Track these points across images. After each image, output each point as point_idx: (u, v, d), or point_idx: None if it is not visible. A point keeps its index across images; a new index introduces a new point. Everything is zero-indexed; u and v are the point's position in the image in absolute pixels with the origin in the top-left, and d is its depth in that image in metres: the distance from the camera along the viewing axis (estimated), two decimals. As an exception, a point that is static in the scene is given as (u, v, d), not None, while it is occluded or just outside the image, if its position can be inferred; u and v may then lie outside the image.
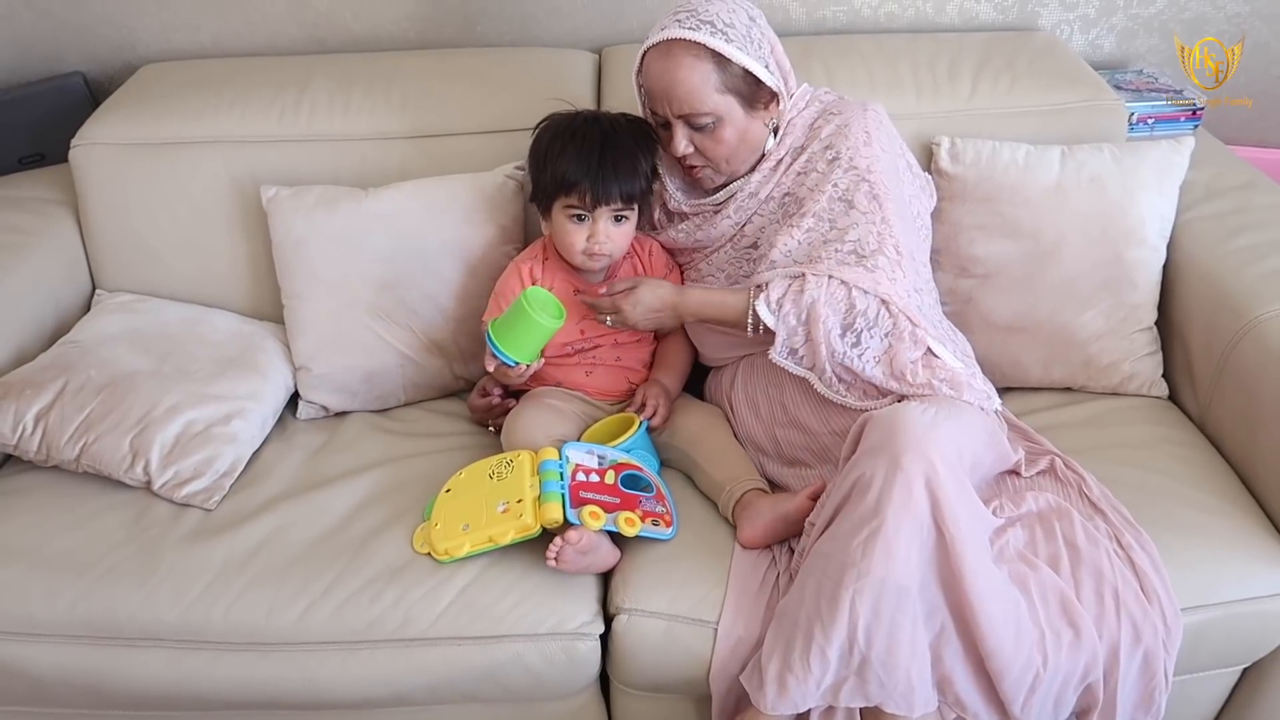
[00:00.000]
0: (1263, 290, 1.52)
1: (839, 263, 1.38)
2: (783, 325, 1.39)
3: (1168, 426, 1.59)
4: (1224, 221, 1.68)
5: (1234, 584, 1.36)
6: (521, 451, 1.41)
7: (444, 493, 1.42)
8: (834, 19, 2.03)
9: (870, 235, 1.40)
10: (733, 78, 1.42)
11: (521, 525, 1.31)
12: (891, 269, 1.38)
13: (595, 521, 1.31)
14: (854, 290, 1.36)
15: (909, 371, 1.36)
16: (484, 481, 1.39)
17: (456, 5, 2.01)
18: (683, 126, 1.45)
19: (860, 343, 1.38)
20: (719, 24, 1.40)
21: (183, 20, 2.01)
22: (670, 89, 1.42)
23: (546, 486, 1.33)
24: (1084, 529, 1.33)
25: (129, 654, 1.34)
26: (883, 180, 1.44)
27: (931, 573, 1.21)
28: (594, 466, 1.39)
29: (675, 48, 1.40)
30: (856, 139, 1.46)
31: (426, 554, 1.37)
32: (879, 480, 1.20)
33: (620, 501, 1.36)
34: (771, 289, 1.40)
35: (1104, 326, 1.64)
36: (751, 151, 1.50)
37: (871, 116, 1.50)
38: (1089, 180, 1.64)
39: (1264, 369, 1.45)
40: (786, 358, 1.42)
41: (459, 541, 1.33)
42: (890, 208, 1.42)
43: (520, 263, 1.58)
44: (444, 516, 1.38)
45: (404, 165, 1.71)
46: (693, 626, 1.32)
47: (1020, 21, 2.05)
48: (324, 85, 1.79)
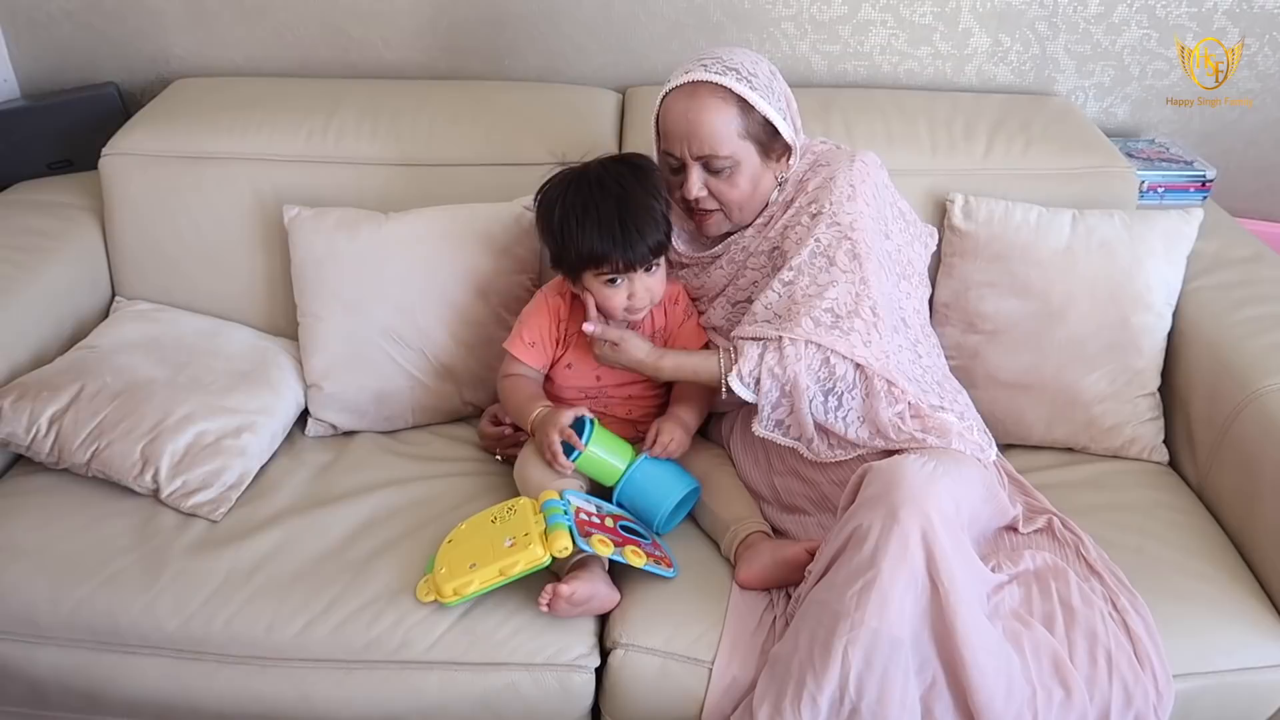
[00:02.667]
0: (1266, 363, 1.54)
1: (815, 323, 1.39)
2: (764, 400, 1.41)
3: (1167, 493, 1.61)
4: (1230, 293, 1.70)
5: (1227, 654, 1.36)
6: (521, 498, 1.42)
7: (446, 543, 1.40)
8: (854, 73, 2.08)
9: (848, 295, 1.41)
10: (754, 125, 1.44)
11: (531, 556, 1.31)
12: (866, 331, 1.39)
13: (604, 549, 1.32)
14: (831, 354, 1.38)
15: (890, 428, 1.38)
16: (486, 527, 1.39)
17: (486, 39, 2.05)
18: (699, 169, 1.46)
19: (841, 404, 1.40)
20: (744, 72, 1.43)
21: (218, 38, 2.05)
22: (693, 130, 1.43)
23: (552, 519, 1.34)
24: (1080, 590, 1.34)
25: (128, 661, 1.35)
26: (864, 238, 1.44)
27: (925, 626, 1.21)
28: (593, 511, 1.41)
29: (701, 90, 1.42)
30: (841, 193, 1.46)
31: (433, 600, 1.35)
32: (875, 532, 1.21)
33: (622, 541, 1.38)
34: (743, 360, 1.41)
35: (1108, 389, 1.66)
36: (760, 202, 1.52)
37: (858, 169, 1.50)
38: (1099, 245, 1.66)
39: (1264, 441, 1.47)
40: (773, 430, 1.44)
41: (467, 579, 1.32)
42: (870, 267, 1.43)
43: (548, 295, 1.57)
44: (449, 562, 1.36)
45: (426, 192, 1.74)
46: (688, 665, 1.33)
47: (1037, 86, 2.09)
48: (352, 109, 1.83)
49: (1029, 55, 2.06)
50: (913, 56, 2.06)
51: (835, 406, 1.40)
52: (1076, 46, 2.05)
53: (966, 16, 2.02)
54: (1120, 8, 2.00)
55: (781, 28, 2.02)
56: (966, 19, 2.02)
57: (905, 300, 1.54)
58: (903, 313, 1.51)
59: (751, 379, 1.40)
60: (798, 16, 2.02)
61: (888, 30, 2.03)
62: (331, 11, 2.02)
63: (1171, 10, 2.00)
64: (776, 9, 2.01)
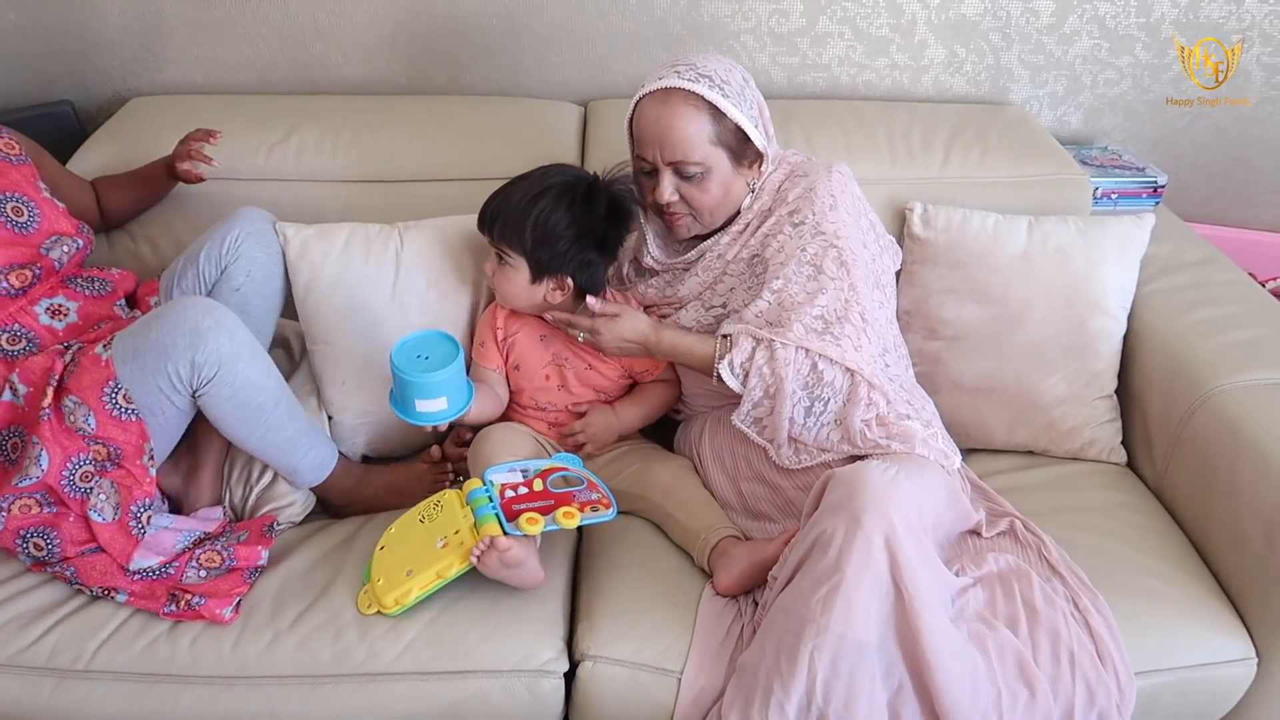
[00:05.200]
0: (1219, 363, 1.58)
1: (806, 329, 1.41)
2: (748, 396, 1.43)
3: (1125, 493, 1.63)
4: (1183, 295, 1.74)
5: (1186, 650, 1.39)
6: (446, 491, 1.42)
7: (379, 550, 1.39)
8: (813, 85, 2.10)
9: (837, 302, 1.43)
10: (726, 132, 1.45)
11: (464, 553, 1.31)
12: (856, 336, 1.42)
13: (533, 527, 1.32)
14: (820, 359, 1.39)
15: (858, 434, 1.40)
16: (416, 527, 1.39)
17: (448, 53, 2.06)
18: (670, 174, 1.48)
19: (817, 410, 1.42)
20: (716, 79, 1.44)
21: (176, 55, 2.04)
22: (664, 135, 1.45)
23: (479, 512, 1.34)
24: (1042, 591, 1.36)
25: (88, 686, 1.33)
26: (850, 246, 1.47)
27: (890, 630, 1.22)
28: (519, 480, 1.41)
29: (673, 96, 1.44)
30: (823, 203, 1.49)
31: (375, 613, 1.35)
32: (839, 537, 1.22)
33: (554, 502, 1.38)
34: (735, 350, 1.43)
35: (1066, 392, 1.69)
36: (731, 207, 1.53)
37: (836, 179, 1.53)
38: (1054, 250, 1.69)
39: (1218, 440, 1.50)
40: (749, 425, 1.46)
41: (406, 588, 1.32)
42: (857, 274, 1.46)
43: (496, 308, 1.59)
44: (385, 571, 1.36)
45: (388, 208, 1.74)
46: (657, 676, 1.33)
47: (992, 95, 2.12)
48: (313, 126, 1.82)
49: (984, 66, 2.09)
50: (870, 68, 2.09)
51: (819, 411, 1.42)
52: (1030, 57, 2.09)
53: (922, 29, 2.05)
54: (1071, 19, 2.04)
55: (741, 40, 2.05)
56: (922, 31, 2.05)
57: (878, 310, 1.56)
58: (876, 322, 1.53)
59: (741, 370, 1.42)
60: (756, 29, 2.04)
61: (845, 42, 2.06)
62: (291, 28, 2.02)
63: (1121, 21, 2.04)
64: (736, 22, 2.03)
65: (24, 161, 1.56)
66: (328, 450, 1.52)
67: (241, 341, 1.38)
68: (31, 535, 1.35)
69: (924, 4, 2.02)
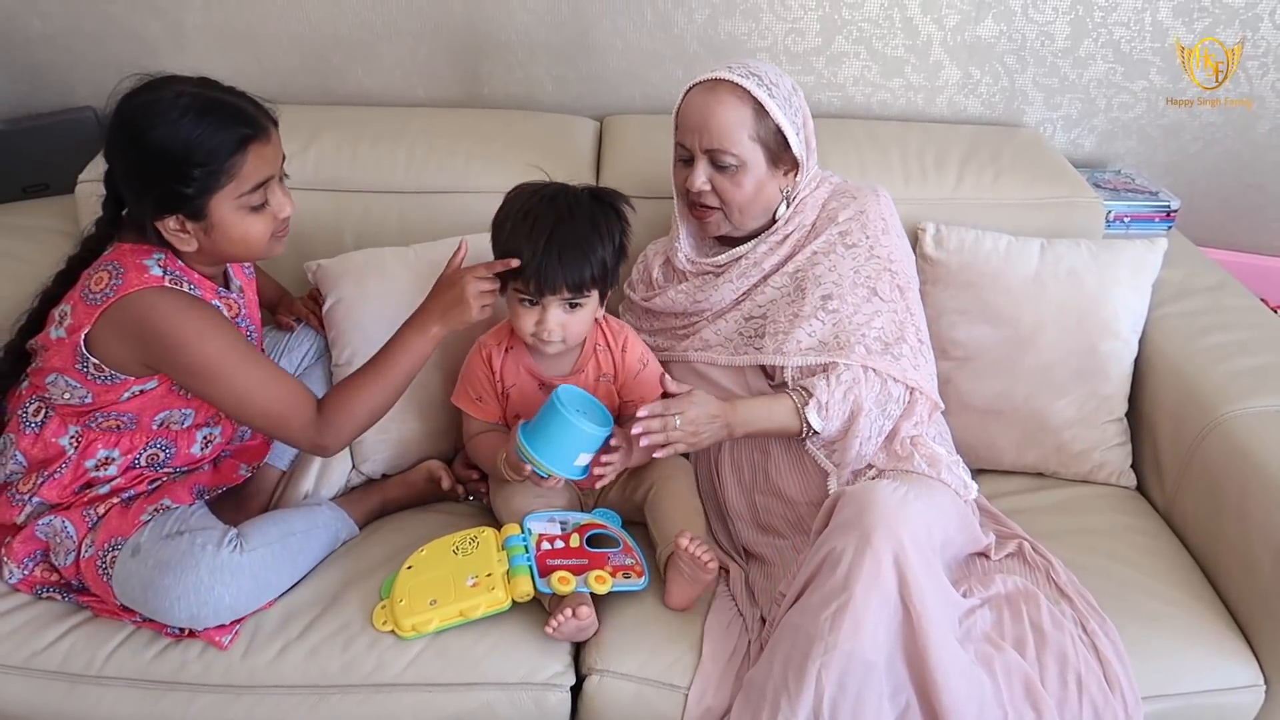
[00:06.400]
0: (1230, 389, 1.58)
1: (868, 350, 1.43)
2: (829, 425, 1.42)
3: (1134, 516, 1.63)
4: (1194, 320, 1.74)
5: (1194, 676, 1.39)
6: (485, 528, 1.42)
7: (405, 569, 1.39)
8: (828, 103, 2.11)
9: (893, 324, 1.45)
10: (766, 130, 1.47)
11: (493, 599, 1.33)
12: (914, 356, 1.44)
13: (565, 586, 1.33)
14: (887, 380, 1.41)
15: (900, 445, 1.42)
16: (449, 558, 1.39)
17: (467, 67, 2.07)
18: (705, 162, 1.48)
19: (887, 428, 1.44)
20: (766, 80, 1.46)
21: (196, 63, 2.05)
22: (706, 121, 1.46)
23: (514, 561, 1.35)
24: (1050, 613, 1.36)
25: (100, 692, 1.33)
26: (905, 270, 1.50)
27: (898, 649, 1.23)
28: (557, 533, 1.41)
29: (721, 87, 1.46)
30: (875, 227, 1.51)
31: (389, 631, 1.35)
32: (849, 555, 1.23)
33: (589, 562, 1.38)
34: (818, 392, 1.41)
35: (1076, 415, 1.69)
36: (763, 211, 1.54)
37: (885, 203, 1.56)
38: (1066, 273, 1.70)
39: (1228, 466, 1.50)
40: (819, 449, 1.46)
41: (427, 617, 1.33)
42: (912, 296, 1.49)
43: (484, 344, 1.53)
44: (408, 593, 1.36)
45: (404, 220, 1.75)
46: (663, 691, 1.33)
47: (1006, 117, 2.13)
48: (332, 136, 1.84)
49: (998, 88, 2.10)
50: (885, 88, 2.10)
51: (887, 428, 1.44)
52: (1044, 79, 2.09)
53: (938, 50, 2.06)
54: (1086, 42, 2.05)
55: (757, 59, 2.05)
56: (938, 52, 2.06)
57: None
58: (929, 343, 1.56)
59: (825, 410, 1.41)
60: (773, 48, 2.05)
61: (861, 62, 2.07)
62: (312, 39, 2.04)
63: (1135, 45, 2.05)
64: (752, 40, 2.05)
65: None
66: (347, 529, 1.52)
67: (245, 585, 1.33)
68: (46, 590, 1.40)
69: (940, 25, 2.03)
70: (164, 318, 1.25)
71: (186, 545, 1.32)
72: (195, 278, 1.32)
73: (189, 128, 1.23)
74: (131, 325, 1.26)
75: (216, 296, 1.36)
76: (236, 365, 1.28)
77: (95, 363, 1.29)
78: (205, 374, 1.28)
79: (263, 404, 1.30)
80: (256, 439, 1.54)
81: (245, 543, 1.35)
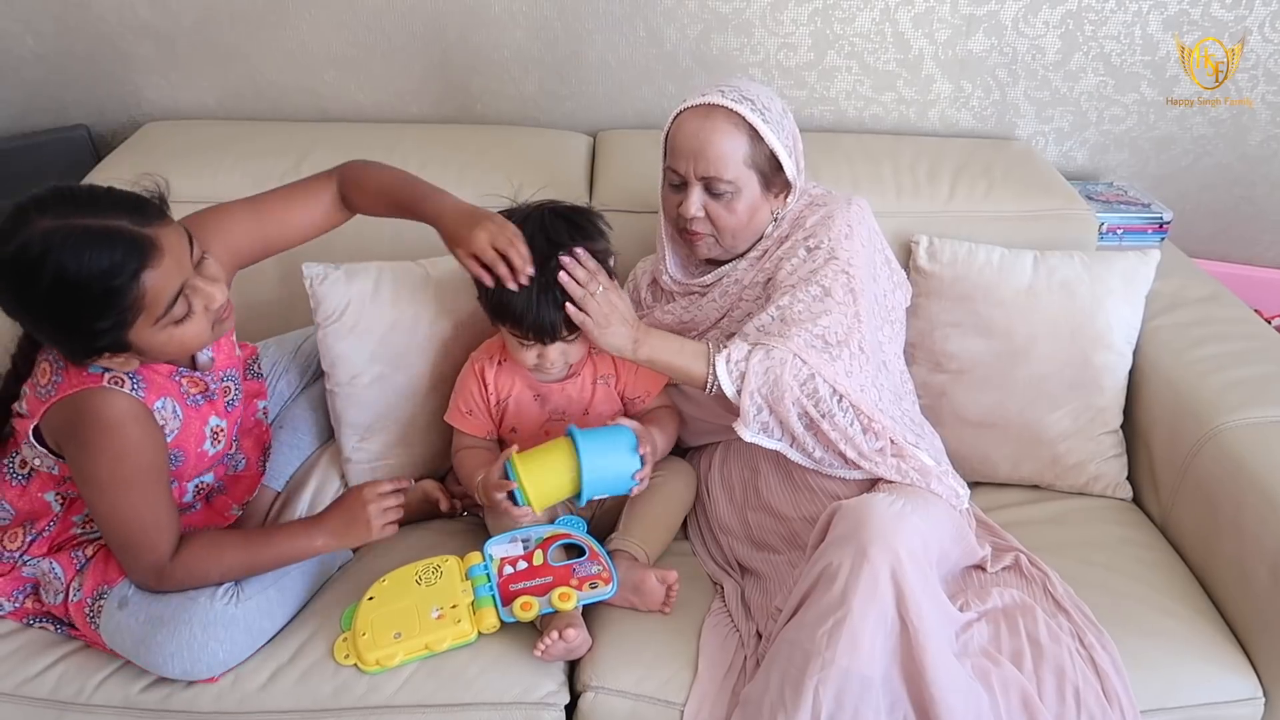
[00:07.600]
0: (1224, 400, 1.58)
1: (806, 344, 1.40)
2: (750, 402, 1.39)
3: (1131, 528, 1.63)
4: (1188, 331, 1.74)
5: (1192, 689, 1.38)
6: (448, 557, 1.41)
7: (367, 600, 1.36)
8: (820, 117, 2.12)
9: (840, 326, 1.43)
10: (760, 156, 1.46)
11: (459, 632, 1.32)
12: (850, 362, 1.41)
13: (527, 613, 1.32)
14: (817, 376, 1.38)
15: (868, 460, 1.40)
16: (412, 588, 1.37)
17: (460, 83, 2.08)
18: (700, 189, 1.47)
19: (834, 425, 1.40)
20: (759, 104, 1.46)
21: (190, 81, 2.06)
22: (702, 149, 1.44)
23: (478, 592, 1.35)
24: (1047, 626, 1.35)
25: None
26: (860, 276, 1.48)
27: (895, 664, 1.22)
28: (519, 554, 1.40)
29: (716, 113, 1.44)
30: (839, 231, 1.50)
31: (352, 665, 1.32)
32: (845, 570, 1.22)
33: (553, 579, 1.37)
34: (734, 349, 1.40)
35: (1071, 427, 1.69)
36: (753, 234, 1.53)
37: (855, 211, 1.54)
38: (1060, 285, 1.70)
39: (1224, 477, 1.50)
40: (759, 434, 1.42)
41: (391, 651, 1.31)
42: (863, 304, 1.46)
43: (476, 361, 1.53)
44: (371, 625, 1.33)
45: (398, 237, 1.74)
46: (659, 707, 1.32)
47: (998, 130, 2.14)
48: (325, 152, 1.83)
49: (990, 101, 2.11)
50: (877, 102, 2.11)
51: (828, 425, 1.39)
52: (1036, 93, 2.10)
53: (929, 64, 2.07)
54: (1077, 56, 2.06)
55: (749, 73, 2.07)
56: (929, 66, 2.07)
57: (887, 345, 1.56)
58: (884, 356, 1.54)
59: (737, 369, 1.38)
60: (765, 62, 2.06)
61: (853, 76, 2.08)
62: (305, 56, 2.04)
63: (1126, 59, 2.06)
64: (744, 55, 2.05)
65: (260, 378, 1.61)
66: (341, 554, 1.50)
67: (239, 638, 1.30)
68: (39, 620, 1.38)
69: (931, 39, 2.04)
70: (80, 423, 1.21)
71: (179, 597, 1.28)
72: (144, 371, 1.26)
73: (69, 287, 1.09)
74: (64, 425, 1.22)
75: (170, 386, 1.29)
76: (117, 487, 1.23)
77: (51, 447, 1.27)
78: (86, 482, 1.24)
79: (124, 531, 1.25)
80: (250, 470, 1.53)
81: (241, 591, 1.31)
